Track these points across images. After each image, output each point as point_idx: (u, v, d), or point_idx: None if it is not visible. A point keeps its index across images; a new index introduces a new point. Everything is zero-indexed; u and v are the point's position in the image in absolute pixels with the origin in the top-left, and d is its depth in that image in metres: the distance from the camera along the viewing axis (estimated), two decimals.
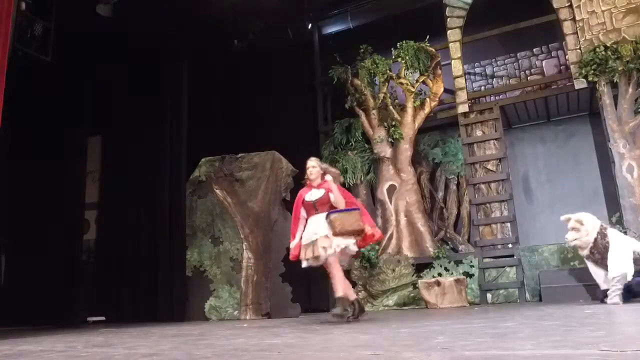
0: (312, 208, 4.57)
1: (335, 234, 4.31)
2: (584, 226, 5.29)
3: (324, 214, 4.47)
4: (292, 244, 4.69)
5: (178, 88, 8.39)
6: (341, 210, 4.42)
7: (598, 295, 5.38)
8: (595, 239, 5.24)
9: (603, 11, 7.50)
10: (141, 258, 7.87)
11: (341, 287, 4.35)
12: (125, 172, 8.42)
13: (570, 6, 7.75)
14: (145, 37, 8.38)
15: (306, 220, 4.66)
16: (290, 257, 4.78)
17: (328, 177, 4.68)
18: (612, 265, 5.06)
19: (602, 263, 5.24)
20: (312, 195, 4.65)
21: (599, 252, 5.23)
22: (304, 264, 4.49)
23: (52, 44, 7.62)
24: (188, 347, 2.89)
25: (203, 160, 8.48)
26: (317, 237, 4.39)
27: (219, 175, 8.31)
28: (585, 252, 5.38)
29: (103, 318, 8.06)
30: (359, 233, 4.45)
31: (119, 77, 8.65)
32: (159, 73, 8.46)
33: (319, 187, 4.69)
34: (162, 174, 8.04)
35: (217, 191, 8.24)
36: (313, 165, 4.75)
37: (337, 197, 4.53)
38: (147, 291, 7.67)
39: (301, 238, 4.63)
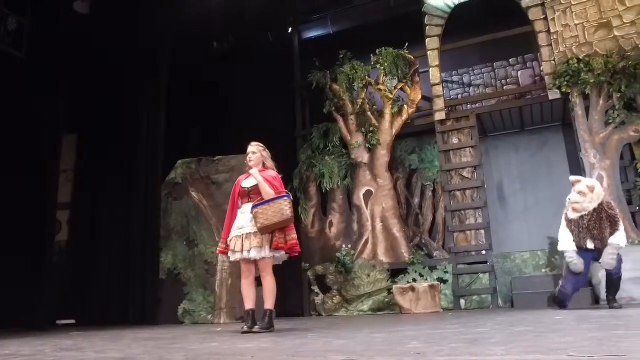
0: (246, 196, 4.22)
1: (261, 229, 3.99)
2: (592, 195, 5.17)
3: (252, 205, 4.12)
4: (228, 239, 4.21)
5: (156, 87, 8.32)
6: (263, 202, 4.04)
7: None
8: (599, 210, 5.14)
9: (576, 25, 7.69)
10: (114, 260, 7.76)
11: (271, 298, 4.08)
12: (100, 172, 8.30)
13: (546, 19, 7.93)
14: (123, 36, 8.29)
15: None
16: (218, 251, 4.39)
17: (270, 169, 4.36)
18: (622, 236, 5.12)
19: (591, 231, 5.14)
20: (248, 182, 4.29)
21: (597, 222, 5.12)
22: (232, 257, 4.14)
23: (26, 40, 7.48)
24: (160, 351, 2.85)
25: (179, 162, 8.41)
26: (243, 233, 4.07)
27: (195, 178, 8.25)
28: (575, 216, 5.24)
29: (73, 321, 7.90)
30: (285, 224, 4.06)
31: (96, 75, 8.52)
32: (137, 72, 8.37)
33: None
34: (137, 175, 7.95)
35: (193, 194, 8.18)
36: (253, 151, 4.38)
37: (265, 188, 4.14)
38: (119, 294, 7.56)
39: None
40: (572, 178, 5.42)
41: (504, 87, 8.91)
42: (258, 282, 4.22)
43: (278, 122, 9.38)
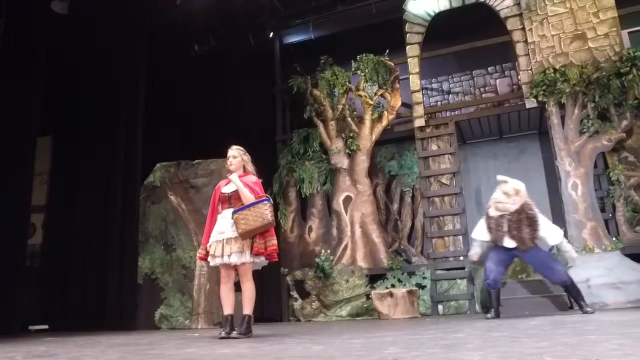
0: (227, 201, 4.19)
1: (242, 235, 3.97)
2: (517, 197, 5.37)
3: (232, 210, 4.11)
4: (208, 245, 4.18)
5: (134, 88, 8.22)
6: (244, 207, 4.02)
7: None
8: (519, 211, 5.32)
9: (552, 35, 7.85)
10: (90, 264, 7.62)
11: (249, 303, 4.07)
12: (77, 174, 8.15)
13: (523, 29, 8.07)
14: (101, 36, 8.19)
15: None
16: (198, 257, 4.36)
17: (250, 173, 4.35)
18: (552, 233, 5.33)
19: (511, 231, 5.30)
20: (229, 187, 4.26)
21: (516, 223, 5.29)
22: (212, 262, 4.11)
23: (1, 39, 7.33)
24: (136, 357, 2.81)
25: (158, 165, 8.33)
26: (224, 238, 4.05)
27: (174, 181, 8.18)
28: (495, 214, 5.43)
29: (46, 327, 7.73)
30: (266, 228, 4.05)
31: (73, 75, 8.39)
32: (115, 72, 8.26)
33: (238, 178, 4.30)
34: (115, 178, 7.84)
35: (172, 197, 8.10)
36: (234, 155, 4.36)
37: (245, 193, 4.11)
38: (95, 299, 7.42)
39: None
40: (500, 178, 5.58)
41: (483, 95, 9.05)
42: (237, 287, 4.20)
43: (258, 127, 9.36)
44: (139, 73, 8.31)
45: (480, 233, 5.61)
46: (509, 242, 5.35)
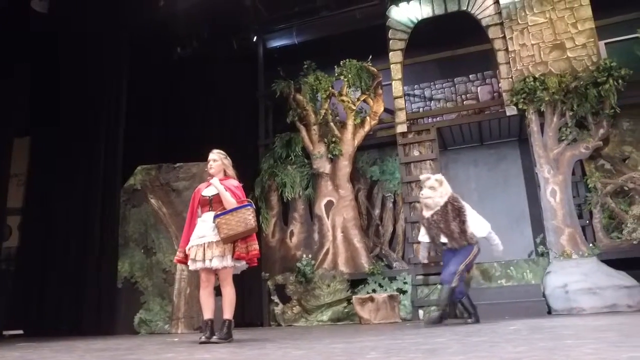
0: (207, 204, 4.16)
1: (224, 239, 3.95)
2: (442, 188, 5.39)
3: (214, 214, 4.08)
4: (187, 248, 4.14)
5: (116, 90, 8.14)
6: (226, 212, 4.00)
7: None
8: (445, 204, 5.33)
9: (532, 45, 7.99)
10: (68, 267, 7.50)
11: (230, 308, 4.04)
12: (55, 176, 8.03)
13: (504, 37, 8.20)
14: (82, 35, 8.10)
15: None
16: (176, 260, 4.30)
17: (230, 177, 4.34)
18: (479, 225, 5.33)
19: (439, 224, 5.32)
20: (209, 190, 4.24)
21: (443, 216, 5.30)
22: (192, 266, 4.08)
23: None
24: None
25: (139, 168, 8.25)
26: (205, 242, 4.02)
27: (155, 184, 8.11)
28: (428, 214, 5.44)
29: (21, 332, 7.57)
30: (249, 233, 4.06)
31: (53, 75, 8.27)
32: (95, 72, 8.17)
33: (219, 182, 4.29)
34: (95, 180, 7.74)
35: (152, 201, 8.03)
36: (214, 159, 4.34)
37: (227, 197, 4.10)
38: (72, 303, 7.31)
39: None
40: (422, 177, 5.66)
41: (464, 102, 9.15)
42: (217, 291, 4.17)
43: (241, 130, 9.33)
44: (121, 74, 8.24)
45: (423, 236, 5.65)
46: (444, 239, 5.36)
